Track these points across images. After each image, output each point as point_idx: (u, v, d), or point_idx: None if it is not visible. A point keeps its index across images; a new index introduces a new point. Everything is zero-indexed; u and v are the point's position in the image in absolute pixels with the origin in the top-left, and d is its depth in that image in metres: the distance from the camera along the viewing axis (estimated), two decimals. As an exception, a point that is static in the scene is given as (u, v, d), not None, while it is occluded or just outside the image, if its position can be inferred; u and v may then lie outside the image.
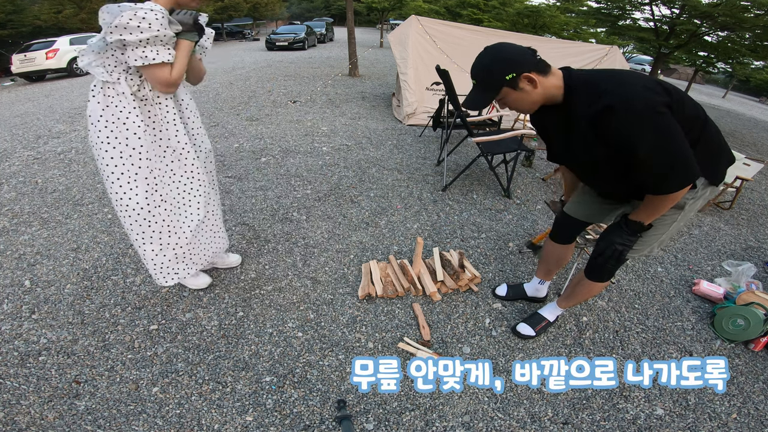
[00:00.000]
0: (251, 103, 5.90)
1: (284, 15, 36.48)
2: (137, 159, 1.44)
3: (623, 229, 1.30)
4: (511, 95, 1.20)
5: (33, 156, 3.76)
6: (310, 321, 1.87)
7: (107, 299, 1.95)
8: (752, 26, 6.34)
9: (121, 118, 1.37)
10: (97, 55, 1.31)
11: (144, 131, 1.42)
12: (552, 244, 1.80)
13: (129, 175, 1.45)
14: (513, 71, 1.14)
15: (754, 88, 24.16)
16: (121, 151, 1.41)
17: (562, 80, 1.19)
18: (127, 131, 1.39)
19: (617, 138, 1.09)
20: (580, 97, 1.16)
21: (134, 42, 1.24)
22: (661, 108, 1.03)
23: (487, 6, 11.86)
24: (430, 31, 5.13)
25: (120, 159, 1.42)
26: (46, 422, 1.38)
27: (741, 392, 1.66)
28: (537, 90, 1.18)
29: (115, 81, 1.34)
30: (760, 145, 7.16)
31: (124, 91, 1.35)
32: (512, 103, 1.23)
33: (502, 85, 1.17)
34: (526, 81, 1.16)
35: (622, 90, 1.06)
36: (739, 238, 3.02)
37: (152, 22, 1.24)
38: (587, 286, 1.59)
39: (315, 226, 2.66)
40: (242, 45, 19.49)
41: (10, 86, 10.43)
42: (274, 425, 1.41)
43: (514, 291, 2.04)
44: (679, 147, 1.06)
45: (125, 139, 1.40)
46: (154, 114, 1.44)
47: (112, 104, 1.36)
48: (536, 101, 1.22)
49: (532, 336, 1.79)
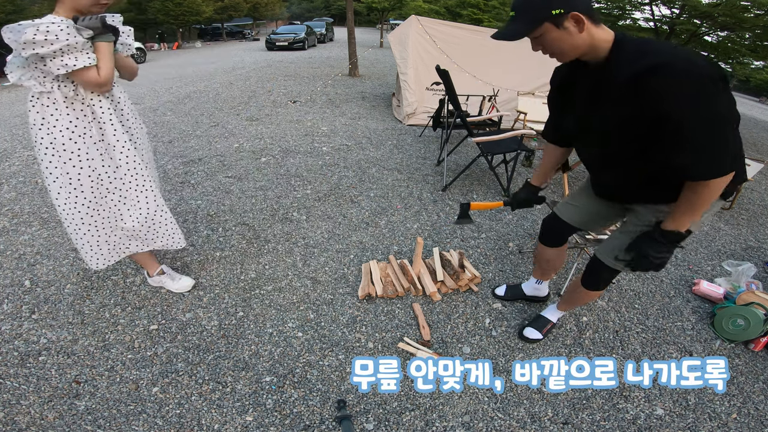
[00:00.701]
0: (251, 103, 5.90)
1: (284, 15, 36.50)
2: (77, 161, 1.51)
3: (659, 241, 1.15)
4: (551, 33, 1.04)
5: (33, 156, 3.75)
6: (310, 321, 1.87)
7: (107, 299, 1.95)
8: (752, 26, 6.34)
9: (57, 126, 1.44)
10: (24, 70, 1.36)
11: (80, 136, 1.48)
12: (542, 247, 1.74)
13: (70, 176, 1.52)
14: (561, 6, 0.99)
15: (754, 88, 24.18)
16: (60, 155, 1.48)
17: (612, 36, 1.06)
18: (62, 137, 1.46)
19: (658, 101, 0.96)
20: (626, 55, 1.02)
21: (50, 54, 1.28)
22: (717, 80, 0.92)
23: (487, 6, 11.87)
24: (430, 31, 5.13)
25: (60, 161, 1.49)
26: (46, 422, 1.38)
27: (741, 392, 1.66)
28: (582, 35, 1.03)
29: (50, 90, 1.39)
30: (760, 145, 7.16)
31: (57, 99, 1.41)
32: (550, 43, 1.07)
33: (546, 19, 1.01)
34: (573, 21, 1.01)
35: (678, 52, 0.95)
36: (739, 238, 3.02)
37: (58, 33, 1.27)
38: (584, 293, 1.56)
39: (315, 226, 2.66)
40: (242, 45, 19.51)
41: (10, 86, 10.43)
42: (274, 425, 1.41)
43: (513, 291, 2.03)
44: (728, 125, 0.96)
45: (61, 145, 1.46)
46: (91, 114, 1.49)
47: (47, 112, 1.43)
48: (579, 46, 1.06)
49: (540, 339, 1.78)
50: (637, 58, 0.99)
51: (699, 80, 0.91)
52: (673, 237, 1.13)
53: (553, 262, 1.80)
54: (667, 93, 0.94)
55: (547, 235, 1.70)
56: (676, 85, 0.92)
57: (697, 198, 1.05)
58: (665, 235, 1.14)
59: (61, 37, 1.28)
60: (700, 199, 1.05)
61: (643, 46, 1.01)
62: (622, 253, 1.33)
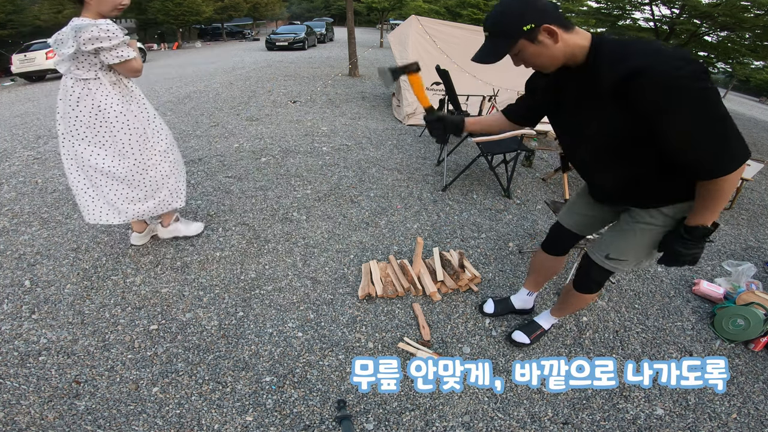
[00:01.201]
0: (251, 103, 5.90)
1: (284, 15, 36.49)
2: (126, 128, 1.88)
3: (686, 238, 1.13)
4: (528, 49, 1.06)
5: (33, 156, 3.76)
6: (310, 321, 1.87)
7: (107, 299, 1.95)
8: (752, 26, 6.33)
9: (108, 102, 1.80)
10: (72, 62, 1.71)
11: (122, 106, 1.86)
12: (544, 256, 1.71)
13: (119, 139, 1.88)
14: (532, 21, 1.00)
15: (754, 88, 24.19)
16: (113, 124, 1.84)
17: (588, 41, 1.05)
18: (114, 110, 1.83)
19: (648, 110, 0.95)
20: (604, 62, 1.01)
21: (109, 47, 1.66)
22: (699, 74, 0.90)
23: (487, 6, 11.87)
24: (430, 31, 5.13)
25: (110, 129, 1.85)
26: (46, 422, 1.38)
27: (741, 392, 1.66)
28: (558, 45, 1.04)
29: (95, 77, 1.75)
30: (760, 145, 7.16)
31: (104, 83, 1.78)
32: (529, 58, 1.09)
33: (519, 36, 1.03)
34: (546, 33, 1.02)
35: (658, 52, 0.93)
36: (739, 238, 3.02)
37: (115, 32, 1.66)
38: (576, 297, 1.54)
39: (315, 226, 2.66)
40: (242, 45, 19.51)
41: (10, 86, 10.44)
42: (274, 425, 1.41)
43: (502, 306, 1.94)
44: (726, 117, 0.93)
45: (115, 117, 1.83)
46: (129, 93, 1.90)
47: (99, 93, 1.78)
48: (557, 57, 1.07)
49: (527, 344, 1.76)
50: (617, 61, 0.98)
51: (681, 80, 0.90)
52: (699, 232, 1.11)
53: (551, 271, 1.78)
54: (652, 97, 0.93)
55: (552, 243, 1.68)
56: (659, 88, 0.91)
57: (710, 195, 1.04)
58: (691, 232, 1.12)
59: (119, 35, 1.67)
60: (715, 195, 1.03)
61: (623, 48, 1.00)
62: (614, 251, 1.32)
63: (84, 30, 1.59)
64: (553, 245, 1.67)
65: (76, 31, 1.60)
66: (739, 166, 0.97)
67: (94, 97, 1.77)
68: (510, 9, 1.04)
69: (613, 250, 1.33)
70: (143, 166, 1.99)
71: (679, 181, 1.11)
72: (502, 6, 1.05)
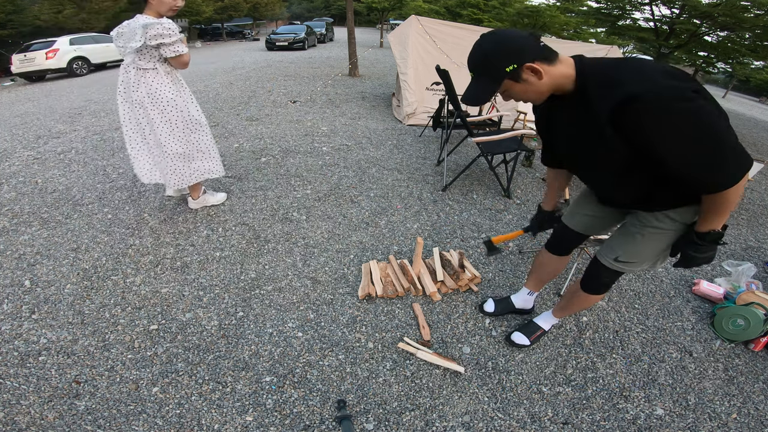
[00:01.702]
0: (251, 103, 5.90)
1: (284, 15, 36.49)
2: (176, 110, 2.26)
3: (699, 243, 1.14)
4: (514, 88, 1.08)
5: (33, 156, 3.76)
6: (310, 321, 1.87)
7: (107, 299, 1.95)
8: (752, 26, 6.34)
9: (159, 88, 2.17)
10: (137, 54, 2.05)
11: (173, 90, 2.23)
12: (548, 255, 1.71)
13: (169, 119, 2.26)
14: (514, 62, 1.02)
15: (754, 88, 24.18)
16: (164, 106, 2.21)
17: (573, 68, 1.07)
18: (167, 95, 2.20)
19: (643, 136, 0.96)
20: (594, 87, 1.03)
21: (168, 42, 2.01)
22: (689, 94, 0.90)
23: (487, 6, 11.86)
24: (430, 31, 5.13)
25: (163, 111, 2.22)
26: (46, 422, 1.38)
27: (741, 392, 1.66)
28: (543, 80, 1.05)
29: (154, 67, 2.12)
30: (760, 145, 7.16)
31: (160, 72, 2.15)
32: (517, 95, 1.12)
33: (503, 77, 1.05)
34: (529, 72, 1.04)
35: (642, 78, 0.94)
36: (739, 238, 3.02)
37: (174, 29, 2.02)
38: (583, 297, 1.54)
39: (315, 226, 2.66)
40: (242, 45, 19.49)
41: (10, 86, 10.44)
42: (274, 425, 1.41)
43: (503, 305, 1.95)
44: (722, 132, 0.93)
45: (166, 100, 2.20)
46: (179, 81, 2.29)
47: (156, 81, 2.15)
48: (543, 92, 1.10)
49: (527, 345, 1.76)
50: (606, 88, 0.99)
51: (674, 102, 0.91)
52: (710, 237, 1.12)
53: (553, 271, 1.78)
54: (646, 121, 0.94)
55: (555, 244, 1.68)
56: (653, 112, 0.92)
57: (716, 206, 1.05)
58: (702, 237, 1.13)
59: (177, 32, 2.03)
60: (721, 206, 1.04)
61: (609, 74, 1.01)
62: (623, 254, 1.32)
63: (151, 27, 1.94)
64: (557, 245, 1.67)
65: (145, 27, 1.93)
66: (740, 179, 0.97)
67: (151, 85, 2.13)
68: (491, 51, 1.05)
69: (622, 253, 1.33)
70: (188, 139, 2.36)
71: (684, 188, 1.11)
72: (483, 48, 1.06)
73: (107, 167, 3.46)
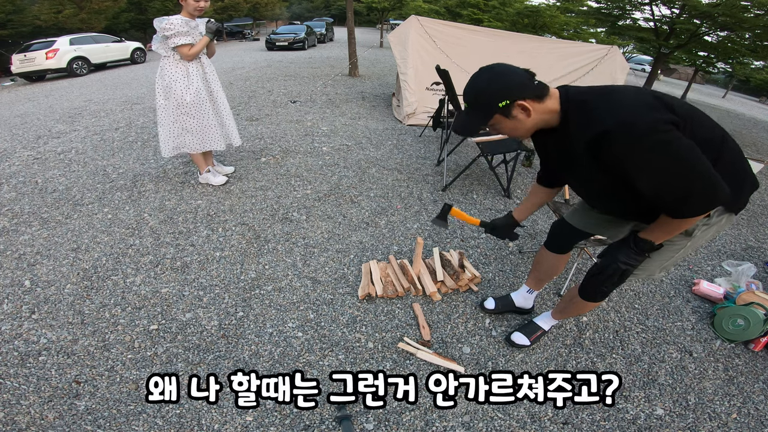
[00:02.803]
0: (251, 103, 5.90)
1: (284, 15, 36.46)
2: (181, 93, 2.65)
3: (631, 247, 1.19)
4: (503, 123, 1.15)
5: (33, 156, 3.76)
6: (310, 321, 1.87)
7: (107, 299, 1.95)
8: (752, 26, 6.33)
9: (172, 73, 2.61)
10: (160, 44, 2.54)
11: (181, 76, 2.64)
12: (546, 253, 1.71)
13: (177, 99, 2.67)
14: (507, 98, 1.08)
15: (754, 88, 24.17)
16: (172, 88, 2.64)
17: (558, 103, 1.13)
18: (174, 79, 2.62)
19: (619, 166, 1.01)
20: (573, 122, 1.10)
21: (170, 35, 2.44)
22: (663, 126, 0.94)
23: (487, 6, 11.86)
24: (430, 31, 5.13)
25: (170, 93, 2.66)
26: (46, 422, 1.38)
27: (741, 392, 1.66)
28: (530, 118, 1.11)
29: (169, 56, 2.58)
30: (760, 145, 7.16)
31: (172, 60, 2.59)
32: (505, 129, 1.18)
33: (495, 111, 1.11)
34: (519, 109, 1.10)
35: (617, 111, 0.99)
36: (739, 238, 3.02)
37: (174, 23, 2.42)
38: (580, 304, 1.52)
39: (315, 226, 2.66)
40: (242, 45, 19.48)
41: (10, 86, 10.44)
42: (274, 425, 1.41)
43: (503, 303, 1.94)
44: (696, 165, 0.95)
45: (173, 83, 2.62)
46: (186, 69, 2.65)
47: (169, 68, 2.60)
48: (529, 129, 1.17)
49: (527, 345, 1.76)
50: (584, 124, 1.05)
51: (643, 137, 0.94)
52: (645, 246, 1.17)
53: (553, 270, 1.78)
54: (619, 152, 0.99)
55: (555, 241, 1.68)
56: (623, 145, 0.97)
57: (668, 226, 1.11)
58: (638, 243, 1.18)
59: (175, 27, 2.42)
60: (672, 227, 1.11)
61: (586, 109, 1.06)
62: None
63: (159, 22, 2.42)
64: (556, 242, 1.68)
65: (157, 22, 2.42)
66: (701, 213, 1.02)
67: (165, 70, 2.60)
68: (487, 85, 1.11)
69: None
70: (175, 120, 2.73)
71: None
72: (480, 81, 1.12)
73: (107, 167, 3.46)
